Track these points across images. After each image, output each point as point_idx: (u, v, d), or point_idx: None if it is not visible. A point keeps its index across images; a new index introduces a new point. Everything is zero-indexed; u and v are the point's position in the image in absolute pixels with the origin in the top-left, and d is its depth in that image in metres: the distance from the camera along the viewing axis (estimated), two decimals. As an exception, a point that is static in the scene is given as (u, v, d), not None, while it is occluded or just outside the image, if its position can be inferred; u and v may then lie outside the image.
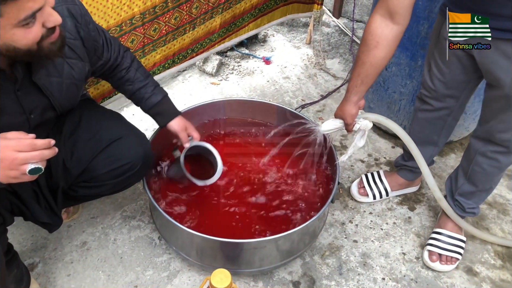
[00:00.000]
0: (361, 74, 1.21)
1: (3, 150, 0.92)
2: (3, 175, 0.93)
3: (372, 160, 1.87)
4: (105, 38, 1.26)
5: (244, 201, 1.51)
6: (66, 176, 1.23)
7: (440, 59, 1.32)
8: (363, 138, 1.41)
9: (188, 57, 1.98)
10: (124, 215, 1.61)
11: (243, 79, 2.25)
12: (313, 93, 2.19)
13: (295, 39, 2.55)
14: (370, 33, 1.15)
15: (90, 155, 1.22)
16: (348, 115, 1.31)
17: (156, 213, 1.46)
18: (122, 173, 1.25)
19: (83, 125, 1.24)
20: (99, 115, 1.29)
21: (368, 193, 1.68)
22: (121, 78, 1.34)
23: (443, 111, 1.44)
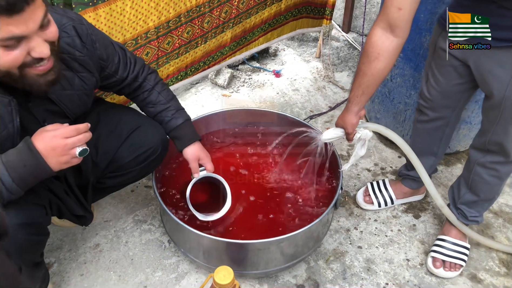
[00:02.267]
0: (362, 84, 1.26)
1: (53, 140, 1.03)
2: (56, 162, 1.04)
3: (378, 169, 1.91)
4: (123, 57, 1.33)
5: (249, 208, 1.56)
6: (94, 170, 1.32)
7: (436, 69, 1.37)
8: (364, 147, 1.46)
9: (200, 69, 2.07)
10: (135, 219, 1.68)
11: (253, 91, 2.33)
12: (322, 104, 2.26)
13: (305, 53, 2.63)
14: (371, 45, 1.20)
15: (114, 147, 1.32)
16: (349, 124, 1.35)
17: (166, 217, 1.52)
18: (145, 159, 1.35)
19: (102, 121, 1.34)
20: (114, 110, 1.39)
21: (373, 201, 1.72)
22: (143, 100, 1.40)
23: (439, 121, 1.48)
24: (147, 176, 1.80)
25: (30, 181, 1.05)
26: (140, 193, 1.78)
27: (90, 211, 1.37)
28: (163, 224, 1.59)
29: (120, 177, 1.38)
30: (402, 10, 1.12)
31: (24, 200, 1.09)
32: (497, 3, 1.12)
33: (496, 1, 1.11)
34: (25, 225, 1.08)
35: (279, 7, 2.18)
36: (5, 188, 1.00)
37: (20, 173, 1.01)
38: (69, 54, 1.15)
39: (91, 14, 1.50)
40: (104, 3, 1.51)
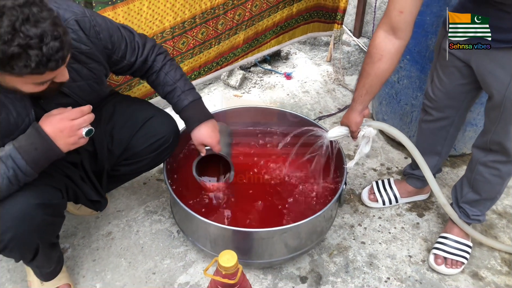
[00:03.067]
0: (366, 84, 1.31)
1: (60, 122, 1.11)
2: (64, 144, 1.12)
3: (384, 169, 1.95)
4: (131, 41, 1.34)
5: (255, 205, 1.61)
6: (109, 157, 1.40)
7: (441, 70, 1.41)
8: (368, 145, 1.50)
9: (213, 69, 2.14)
10: (147, 210, 1.75)
11: (264, 92, 2.40)
12: (331, 106, 2.31)
13: (316, 57, 2.69)
14: (375, 47, 1.25)
15: (129, 135, 1.39)
16: (353, 122, 1.40)
17: (176, 208, 1.59)
18: (158, 147, 1.42)
19: (117, 111, 1.41)
20: (129, 101, 1.46)
21: (378, 199, 1.75)
22: (153, 82, 1.44)
23: (444, 121, 1.52)
24: (158, 170, 1.89)
25: (42, 163, 1.12)
26: (151, 185, 1.86)
27: (105, 197, 1.44)
28: (173, 215, 1.65)
29: (134, 165, 1.45)
30: (404, 13, 1.17)
31: (43, 183, 1.16)
32: (496, 6, 1.16)
33: (495, 4, 1.16)
34: (43, 205, 1.15)
35: (291, 10, 2.25)
36: (20, 171, 1.08)
37: (32, 156, 1.09)
38: (76, 49, 1.18)
39: (110, 13, 1.58)
40: (123, 3, 1.60)
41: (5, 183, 1.07)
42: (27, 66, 0.92)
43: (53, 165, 1.18)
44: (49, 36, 0.93)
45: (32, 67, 0.93)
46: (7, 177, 1.07)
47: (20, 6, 0.90)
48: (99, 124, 1.38)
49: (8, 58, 0.91)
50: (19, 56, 0.91)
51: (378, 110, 2.08)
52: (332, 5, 2.32)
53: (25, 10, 0.90)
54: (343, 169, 1.56)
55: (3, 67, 0.93)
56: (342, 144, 1.79)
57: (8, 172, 1.07)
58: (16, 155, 1.07)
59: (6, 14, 0.89)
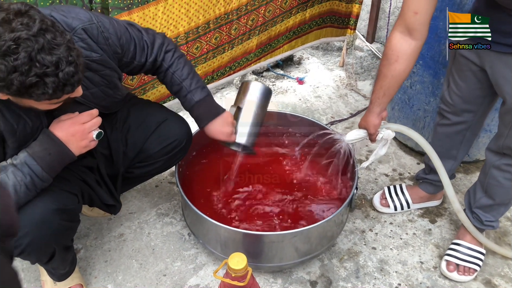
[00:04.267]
0: (383, 86, 1.32)
1: (71, 126, 1.14)
2: (76, 147, 1.15)
3: (396, 174, 1.94)
4: (139, 41, 1.33)
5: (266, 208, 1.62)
6: (124, 160, 1.43)
7: (457, 74, 1.41)
8: (385, 147, 1.51)
9: (226, 74, 2.16)
10: (158, 212, 1.77)
11: (276, 97, 2.41)
12: (343, 111, 2.31)
13: (329, 62, 2.70)
14: (391, 48, 1.26)
15: (143, 138, 1.42)
16: (371, 125, 1.41)
17: (187, 211, 1.60)
18: (171, 149, 1.44)
19: (131, 115, 1.44)
20: (143, 105, 1.49)
21: (389, 204, 1.75)
22: (162, 80, 1.44)
23: (461, 125, 1.51)
24: (170, 173, 1.91)
25: (56, 167, 1.15)
26: (163, 188, 1.88)
27: (119, 200, 1.47)
28: (184, 218, 1.67)
29: (148, 167, 1.47)
30: (419, 14, 1.18)
31: (59, 188, 1.19)
32: (507, 12, 1.16)
33: (505, 10, 1.16)
34: (59, 211, 1.18)
35: (304, 16, 2.26)
36: (37, 176, 1.11)
37: (47, 161, 1.12)
38: (86, 57, 1.18)
39: (126, 18, 1.62)
40: (138, 8, 1.63)
41: (23, 190, 1.10)
42: (44, 93, 0.96)
43: (69, 169, 1.21)
44: (64, 62, 0.95)
45: (49, 93, 0.96)
46: (24, 184, 1.09)
47: (34, 36, 0.92)
48: (114, 127, 1.41)
49: (26, 88, 0.94)
50: (37, 85, 0.94)
51: (390, 116, 2.07)
52: (345, 10, 2.33)
53: (40, 39, 0.93)
54: (355, 174, 1.57)
55: (21, 95, 0.97)
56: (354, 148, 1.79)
57: (25, 179, 1.09)
58: (31, 161, 1.10)
59: (22, 45, 0.91)
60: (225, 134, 1.42)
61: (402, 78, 1.30)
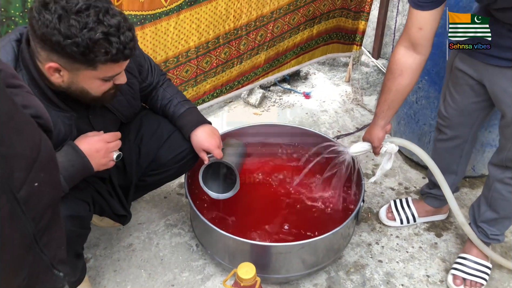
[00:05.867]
0: (388, 100, 1.35)
1: (98, 143, 1.20)
2: (97, 164, 1.21)
3: (402, 188, 1.97)
4: (150, 64, 1.46)
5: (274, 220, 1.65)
6: (137, 170, 1.47)
7: (453, 88, 1.45)
8: (390, 161, 1.54)
9: (235, 88, 2.21)
10: (167, 223, 1.80)
11: (283, 111, 2.46)
12: (349, 125, 2.35)
13: (335, 77, 2.75)
14: (395, 62, 1.29)
15: (155, 147, 1.47)
16: (376, 138, 1.44)
17: (196, 222, 1.63)
18: (183, 158, 1.49)
19: (144, 125, 1.49)
20: (154, 116, 1.53)
21: (395, 218, 1.77)
22: (151, 99, 1.52)
23: (458, 139, 1.54)
24: (179, 184, 1.95)
25: (76, 179, 1.19)
26: (172, 199, 1.91)
27: (130, 211, 1.50)
28: (193, 228, 1.69)
29: (160, 175, 1.51)
30: (423, 30, 1.22)
31: (72, 195, 1.22)
32: (506, 27, 1.20)
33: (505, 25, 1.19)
34: (71, 217, 1.22)
35: (311, 32, 2.32)
36: None
37: (70, 172, 1.16)
38: None
39: (138, 33, 1.67)
40: (151, 23, 1.69)
41: None
42: (108, 52, 1.04)
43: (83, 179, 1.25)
44: (124, 27, 1.06)
45: (113, 53, 1.04)
46: None
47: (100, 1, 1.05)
48: (127, 137, 1.45)
49: (93, 43, 1.02)
50: (102, 42, 1.03)
51: (396, 130, 2.11)
52: (352, 27, 2.39)
53: (105, 5, 1.05)
54: (361, 187, 1.59)
55: (85, 55, 1.03)
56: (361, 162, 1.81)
57: None
58: None
59: (91, 6, 1.02)
60: (212, 144, 1.44)
61: (406, 92, 1.33)
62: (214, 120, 2.30)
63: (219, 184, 1.60)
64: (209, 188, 1.55)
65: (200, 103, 2.10)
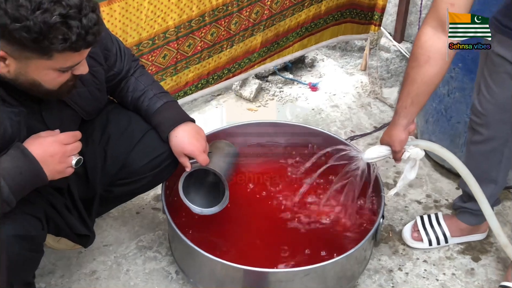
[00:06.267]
0: (411, 93, 1.32)
1: (52, 145, 1.15)
2: (51, 171, 1.15)
3: (430, 201, 1.94)
4: (119, 48, 1.43)
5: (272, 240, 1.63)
6: (103, 178, 1.43)
7: (490, 77, 1.42)
8: (414, 169, 1.51)
9: (224, 77, 2.19)
10: (140, 245, 1.76)
11: (284, 106, 2.44)
12: (365, 124, 2.33)
13: (348, 64, 2.73)
14: (420, 46, 1.26)
15: (125, 150, 1.43)
16: (396, 140, 1.41)
17: (175, 243, 1.60)
18: (159, 164, 1.45)
19: (111, 123, 1.44)
20: (125, 110, 1.49)
21: (422, 238, 1.74)
22: (121, 91, 1.48)
23: (496, 141, 1.51)
24: (155, 197, 1.91)
25: (25, 190, 1.15)
26: (146, 215, 1.88)
27: (93, 230, 1.46)
28: (172, 251, 1.66)
29: (131, 185, 1.47)
30: (455, 5, 1.19)
31: (20, 211, 1.18)
32: None
33: None
34: (19, 237, 1.17)
35: (318, 9, 2.29)
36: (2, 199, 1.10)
37: (17, 181, 1.11)
38: None
39: (104, 9, 1.64)
40: (120, -3, 1.66)
41: None
42: (66, 39, 1.01)
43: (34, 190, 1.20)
44: (87, 8, 1.03)
45: (72, 40, 1.01)
46: None
47: None
48: (90, 138, 1.42)
49: (49, 28, 0.98)
50: (60, 27, 0.99)
51: (424, 130, 2.09)
52: (369, 2, 2.36)
53: None
54: (381, 200, 1.57)
55: (38, 43, 1.00)
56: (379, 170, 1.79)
57: None
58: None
59: None
60: (196, 147, 1.40)
61: (434, 83, 1.30)
62: (198, 117, 2.28)
63: (204, 196, 1.58)
64: (192, 201, 1.52)
65: (181, 96, 2.08)
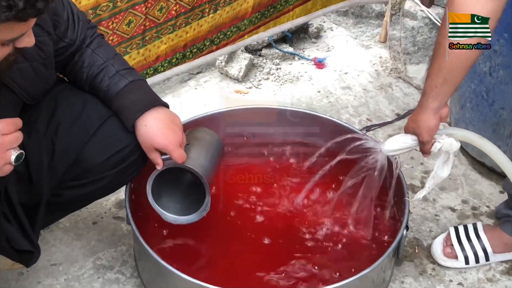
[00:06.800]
0: (444, 68, 1.34)
1: None
2: None
3: (468, 208, 1.96)
4: (71, 12, 1.41)
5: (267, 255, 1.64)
6: (50, 178, 1.41)
7: None
8: (447, 166, 1.52)
9: (206, 50, 2.18)
10: (97, 264, 1.76)
11: (282, 88, 2.44)
12: (385, 110, 2.35)
13: (363, 35, 2.75)
14: (457, 6, 1.28)
15: (79, 142, 1.40)
16: (425, 128, 1.42)
17: (144, 262, 1.61)
18: (122, 160, 1.44)
19: (61, 105, 1.42)
20: (77, 92, 1.47)
21: (457, 255, 1.75)
22: (73, 66, 1.46)
23: None
24: (116, 203, 1.92)
25: None
26: (106, 226, 1.88)
27: (37, 245, 1.45)
28: (138, 272, 1.67)
29: (86, 187, 1.46)
30: None
31: None
32: None
33: None
34: None
35: (325, -37, 2.29)
36: None
37: None
38: None
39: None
40: None
41: None
42: (11, 6, 0.99)
43: None
44: None
45: (19, 8, 0.99)
46: None
47: None
48: (34, 127, 1.40)
49: None
50: None
51: (459, 117, 2.10)
52: (390, -45, 2.36)
53: None
54: (404, 206, 1.57)
55: None
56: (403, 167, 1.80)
57: None
58: None
59: None
60: (170, 140, 1.41)
61: (473, 56, 1.32)
62: (172, 101, 2.28)
63: (180, 201, 1.58)
64: (164, 208, 1.52)
65: (151, 74, 2.07)
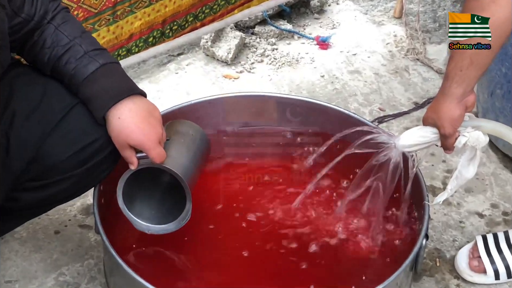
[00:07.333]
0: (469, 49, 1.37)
1: None
2: None
3: (498, 214, 1.99)
4: None
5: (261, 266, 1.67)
6: (4, 178, 1.41)
7: None
8: (473, 164, 1.55)
9: (188, 27, 2.19)
10: (60, 281, 1.78)
11: (279, 72, 2.46)
12: (401, 98, 2.37)
13: (375, 9, 2.77)
14: None
15: (38, 136, 1.42)
16: (447, 119, 1.44)
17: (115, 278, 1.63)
18: (89, 157, 1.45)
19: (17, 93, 1.43)
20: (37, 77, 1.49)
21: (486, 269, 1.77)
22: (34, 45, 1.45)
23: None
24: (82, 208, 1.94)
25: None
26: (70, 236, 1.89)
27: None
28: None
29: (47, 189, 1.48)
30: None
31: None
32: None
33: None
34: None
35: None
36: None
37: None
38: None
39: None
40: None
41: None
42: None
43: None
44: None
45: None
46: None
47: None
48: None
49: None
50: None
51: (487, 106, 2.13)
52: None
53: None
54: (423, 210, 1.61)
55: None
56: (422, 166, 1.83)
57: None
58: None
59: None
60: (147, 135, 1.42)
61: (505, 34, 1.35)
62: (149, 87, 2.29)
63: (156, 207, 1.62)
64: (137, 214, 1.55)
65: (124, 55, 2.10)
